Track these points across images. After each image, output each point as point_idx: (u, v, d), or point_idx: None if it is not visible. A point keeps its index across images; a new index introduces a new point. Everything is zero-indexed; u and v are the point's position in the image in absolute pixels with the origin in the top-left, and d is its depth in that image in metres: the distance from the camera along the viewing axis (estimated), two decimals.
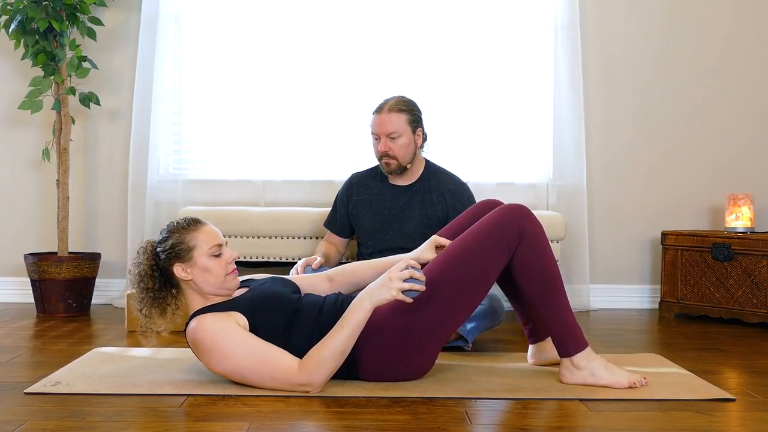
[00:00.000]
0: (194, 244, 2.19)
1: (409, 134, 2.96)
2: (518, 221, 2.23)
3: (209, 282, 2.20)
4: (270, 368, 2.10)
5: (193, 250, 2.19)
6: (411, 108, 2.99)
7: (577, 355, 2.24)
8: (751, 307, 3.41)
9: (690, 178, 3.92)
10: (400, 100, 3.00)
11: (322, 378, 2.09)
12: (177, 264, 2.20)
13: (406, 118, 2.96)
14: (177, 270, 2.20)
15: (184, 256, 2.19)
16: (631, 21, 3.89)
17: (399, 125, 2.94)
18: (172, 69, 3.81)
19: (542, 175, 3.85)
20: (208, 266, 2.19)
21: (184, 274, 2.20)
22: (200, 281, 2.21)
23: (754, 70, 3.91)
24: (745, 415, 2.01)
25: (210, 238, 2.22)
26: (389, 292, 2.09)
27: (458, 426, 1.89)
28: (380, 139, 2.96)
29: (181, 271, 2.20)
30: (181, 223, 2.24)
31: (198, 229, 2.22)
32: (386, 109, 2.96)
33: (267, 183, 3.80)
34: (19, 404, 2.03)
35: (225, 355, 2.10)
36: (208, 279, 2.20)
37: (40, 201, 3.87)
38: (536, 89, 3.84)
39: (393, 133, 2.93)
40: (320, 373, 2.09)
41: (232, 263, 2.25)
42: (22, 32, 3.48)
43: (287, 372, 2.09)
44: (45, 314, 3.48)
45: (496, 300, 2.79)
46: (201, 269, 2.19)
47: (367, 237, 3.07)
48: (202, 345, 2.13)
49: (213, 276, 2.20)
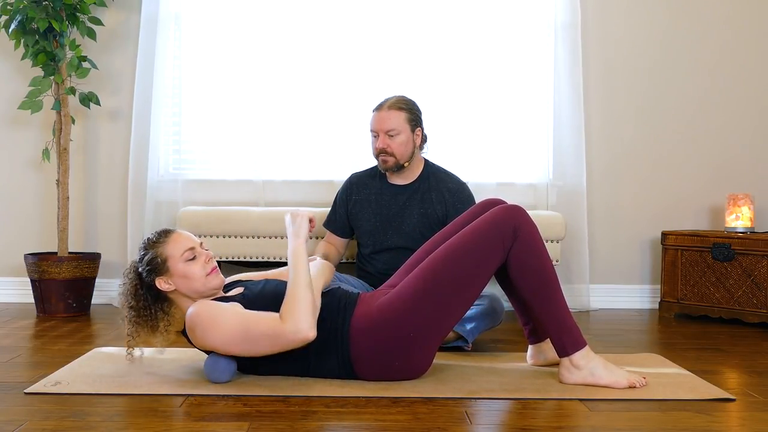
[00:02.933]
0: (167, 255, 2.22)
1: (407, 132, 2.97)
2: (513, 220, 2.24)
3: (192, 287, 2.23)
4: (260, 329, 2.11)
5: (167, 261, 2.22)
6: (411, 107, 3.00)
7: (575, 354, 2.24)
8: (751, 307, 3.41)
9: (690, 178, 3.92)
10: (401, 98, 3.01)
11: (305, 317, 2.09)
12: (158, 278, 2.23)
13: (406, 117, 2.96)
14: (160, 284, 2.23)
15: (161, 269, 2.22)
16: (631, 21, 3.89)
17: (398, 123, 2.94)
18: (172, 69, 3.81)
19: (542, 175, 3.85)
20: (185, 272, 2.22)
21: (167, 286, 2.23)
22: (184, 288, 2.24)
23: (754, 71, 3.91)
24: (745, 415, 2.02)
25: (179, 244, 2.24)
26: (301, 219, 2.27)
27: (458, 426, 1.89)
28: (379, 135, 2.97)
29: (164, 283, 2.23)
30: (152, 237, 2.28)
31: (168, 239, 2.25)
32: (386, 107, 2.97)
33: (267, 183, 3.80)
34: (19, 404, 2.03)
35: (220, 326, 2.12)
36: (191, 284, 2.23)
37: (40, 201, 3.87)
38: (536, 89, 3.84)
39: (391, 130, 2.94)
40: (300, 313, 2.09)
41: (210, 262, 2.27)
42: (22, 32, 3.48)
43: (274, 326, 2.10)
44: (45, 314, 3.48)
45: (496, 300, 2.79)
46: (180, 277, 2.22)
47: (367, 236, 3.07)
48: (198, 321, 2.15)
49: (194, 280, 2.23)
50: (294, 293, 2.13)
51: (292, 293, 2.13)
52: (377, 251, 3.04)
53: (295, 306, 2.10)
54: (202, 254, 2.26)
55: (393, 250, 3.01)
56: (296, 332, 2.09)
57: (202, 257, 2.25)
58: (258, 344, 2.13)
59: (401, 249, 2.98)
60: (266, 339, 2.12)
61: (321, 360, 2.24)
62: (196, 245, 2.26)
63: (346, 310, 2.25)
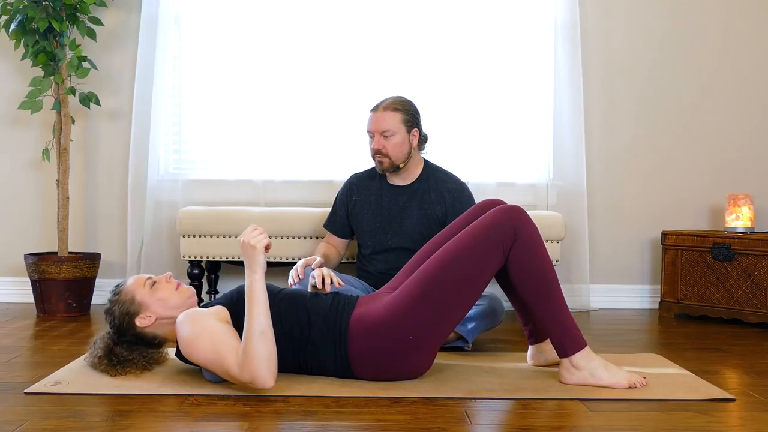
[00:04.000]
0: (132, 293, 2.26)
1: (403, 133, 2.96)
2: (512, 221, 2.23)
3: (170, 305, 2.25)
4: (222, 365, 2.09)
5: (135, 297, 2.25)
6: (407, 108, 2.99)
7: (575, 355, 2.24)
8: (751, 307, 3.41)
9: (690, 178, 3.92)
10: (397, 99, 3.01)
11: (262, 369, 2.03)
12: (136, 319, 2.24)
13: (401, 118, 2.96)
14: (141, 322, 2.24)
15: (134, 308, 2.24)
16: (631, 21, 3.89)
17: (393, 124, 2.94)
18: (172, 69, 3.81)
19: (542, 175, 3.85)
20: (156, 295, 2.25)
21: (149, 320, 2.25)
22: (163, 311, 2.25)
23: (754, 70, 3.91)
24: (745, 415, 2.02)
25: (137, 280, 2.29)
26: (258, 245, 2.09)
27: (458, 426, 1.89)
28: (374, 136, 2.97)
29: (144, 320, 2.25)
30: (111, 296, 2.30)
31: (124, 285, 2.30)
32: (382, 108, 2.97)
33: (267, 183, 3.80)
34: (19, 404, 2.04)
35: (195, 348, 2.12)
36: (167, 303, 2.25)
37: (40, 201, 3.87)
38: (536, 89, 3.84)
39: (387, 131, 2.94)
40: (257, 366, 2.03)
41: (172, 280, 2.30)
42: (22, 32, 3.48)
43: (232, 370, 2.07)
44: (45, 314, 3.48)
45: (496, 300, 2.79)
46: (155, 302, 2.24)
47: (367, 237, 3.07)
48: (181, 335, 2.16)
49: (168, 298, 2.25)
50: (250, 345, 2.03)
51: (248, 343, 2.04)
52: (377, 252, 3.04)
53: (253, 359, 2.03)
54: (161, 277, 2.30)
55: (393, 250, 3.01)
56: (254, 383, 2.05)
57: (163, 278, 2.30)
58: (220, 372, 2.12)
59: (401, 249, 2.98)
60: (227, 376, 2.11)
61: (319, 359, 2.24)
62: (152, 276, 2.30)
63: (344, 311, 2.25)
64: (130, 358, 2.26)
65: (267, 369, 2.04)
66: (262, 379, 2.04)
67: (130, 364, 2.26)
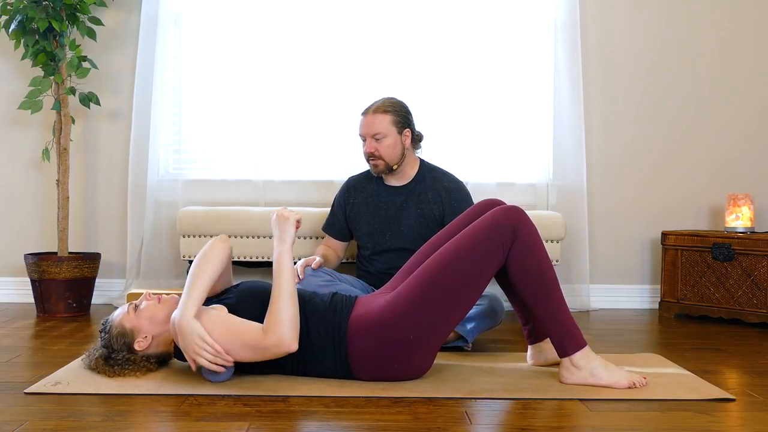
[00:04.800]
0: (120, 325, 2.27)
1: (394, 135, 2.96)
2: (512, 221, 2.23)
3: (159, 319, 2.27)
4: (242, 339, 2.11)
5: (124, 326, 2.27)
6: (396, 109, 2.99)
7: (575, 354, 2.24)
8: (751, 307, 3.41)
9: (690, 178, 3.92)
10: (386, 101, 3.01)
11: (287, 331, 2.09)
12: (135, 345, 2.26)
13: (391, 119, 2.96)
14: (140, 345, 2.26)
15: (128, 337, 2.26)
16: (631, 21, 3.89)
17: (383, 126, 2.94)
18: (172, 69, 3.81)
19: (542, 175, 3.85)
20: (144, 315, 2.27)
21: (146, 341, 2.27)
22: (156, 328, 2.27)
23: (754, 71, 3.91)
24: (745, 415, 2.02)
25: (122, 308, 2.31)
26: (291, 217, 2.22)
27: (458, 426, 1.89)
28: (366, 140, 2.97)
29: (142, 342, 2.26)
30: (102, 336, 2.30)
31: (111, 318, 2.31)
32: (371, 111, 2.98)
33: (267, 183, 3.80)
34: (19, 404, 2.04)
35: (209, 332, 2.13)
36: (157, 317, 2.27)
37: (40, 201, 3.87)
38: (536, 89, 3.84)
39: (378, 134, 2.94)
40: (283, 327, 2.09)
41: (150, 296, 2.31)
42: (22, 32, 3.48)
43: (257, 338, 2.10)
44: (45, 314, 3.48)
45: (496, 300, 2.79)
46: (145, 321, 2.26)
47: (366, 239, 3.07)
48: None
49: (156, 312, 2.27)
50: (277, 306, 2.11)
51: (275, 305, 2.12)
52: (377, 252, 3.04)
53: (278, 319, 2.09)
54: (140, 299, 2.32)
55: (392, 251, 3.01)
56: (279, 345, 2.09)
57: (142, 299, 2.31)
58: (239, 353, 2.13)
59: (400, 250, 2.98)
60: (248, 349, 2.12)
61: (318, 360, 2.24)
62: (132, 302, 2.32)
63: (343, 312, 2.25)
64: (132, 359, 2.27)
65: (293, 330, 2.10)
66: (288, 340, 2.09)
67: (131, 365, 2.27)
